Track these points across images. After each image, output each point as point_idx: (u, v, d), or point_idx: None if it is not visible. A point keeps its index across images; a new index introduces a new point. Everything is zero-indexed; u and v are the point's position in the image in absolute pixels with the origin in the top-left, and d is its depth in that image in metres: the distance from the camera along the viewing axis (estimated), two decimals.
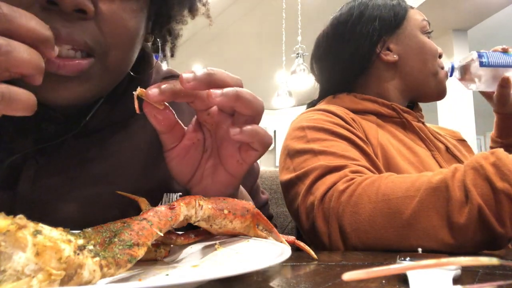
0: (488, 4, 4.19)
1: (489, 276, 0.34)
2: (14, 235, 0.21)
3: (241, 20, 6.09)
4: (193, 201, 0.35)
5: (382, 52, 0.88)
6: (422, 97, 0.91)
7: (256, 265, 0.26)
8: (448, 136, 0.97)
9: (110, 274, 0.25)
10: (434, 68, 0.87)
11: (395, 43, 0.88)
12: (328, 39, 0.93)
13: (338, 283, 0.31)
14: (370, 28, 0.88)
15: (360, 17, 0.89)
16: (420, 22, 0.89)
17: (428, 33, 0.89)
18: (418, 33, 0.88)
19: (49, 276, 0.21)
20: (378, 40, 0.88)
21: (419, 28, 0.88)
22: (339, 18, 0.92)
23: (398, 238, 0.54)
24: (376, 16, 0.88)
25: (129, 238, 0.28)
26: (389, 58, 0.88)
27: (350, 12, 0.91)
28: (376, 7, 0.89)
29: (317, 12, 5.32)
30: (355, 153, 0.70)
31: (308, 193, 0.66)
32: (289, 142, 0.76)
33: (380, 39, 0.88)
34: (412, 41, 0.87)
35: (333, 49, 0.92)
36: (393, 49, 0.88)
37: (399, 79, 0.88)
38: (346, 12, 0.91)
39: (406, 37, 0.88)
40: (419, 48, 0.87)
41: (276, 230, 0.40)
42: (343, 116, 0.78)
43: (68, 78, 0.39)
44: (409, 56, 0.87)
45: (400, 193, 0.55)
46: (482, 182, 0.50)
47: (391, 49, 0.88)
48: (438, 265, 0.20)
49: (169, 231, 0.39)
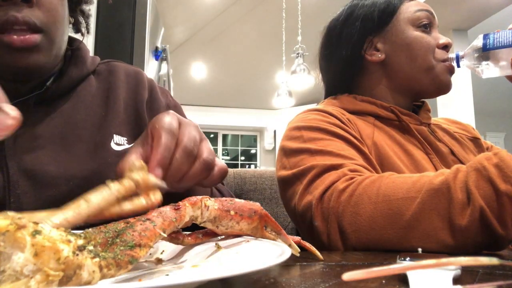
0: (488, 4, 4.19)
1: (489, 276, 0.34)
2: (13, 235, 0.21)
3: (241, 20, 6.09)
4: (199, 201, 0.35)
5: (367, 53, 0.86)
6: (419, 94, 0.87)
7: (256, 265, 0.26)
8: (462, 132, 0.94)
9: (110, 275, 0.25)
10: (426, 63, 0.82)
11: (382, 42, 0.86)
12: (321, 44, 0.95)
13: (338, 283, 0.31)
14: (353, 30, 0.87)
15: (345, 20, 0.89)
16: (412, 14, 0.84)
17: (424, 26, 0.84)
18: (408, 28, 0.83)
19: (47, 276, 0.21)
20: (363, 41, 0.86)
21: (411, 21, 0.83)
22: (329, 23, 0.93)
23: (398, 239, 0.54)
24: (360, 17, 0.86)
25: (131, 239, 0.28)
26: (374, 58, 0.86)
27: (338, 16, 0.91)
28: (362, 7, 0.87)
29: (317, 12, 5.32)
30: (352, 152, 0.70)
31: (305, 192, 0.65)
32: (286, 142, 0.76)
33: (365, 40, 0.86)
34: (399, 38, 0.84)
35: (327, 53, 0.93)
36: (380, 48, 0.86)
37: (389, 78, 0.86)
38: (336, 17, 0.92)
39: (394, 34, 0.84)
40: (406, 44, 0.83)
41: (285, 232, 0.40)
42: (338, 116, 0.77)
43: (25, 50, 0.54)
44: (396, 54, 0.84)
45: (401, 194, 0.55)
46: (485, 184, 0.49)
47: (378, 48, 0.86)
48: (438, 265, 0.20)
49: (176, 231, 0.38)
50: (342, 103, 0.86)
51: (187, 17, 5.91)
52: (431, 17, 0.85)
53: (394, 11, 0.85)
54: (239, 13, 5.94)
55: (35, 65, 0.57)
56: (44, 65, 0.59)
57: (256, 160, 9.50)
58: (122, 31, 2.11)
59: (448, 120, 1.01)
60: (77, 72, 0.65)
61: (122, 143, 0.64)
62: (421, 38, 0.82)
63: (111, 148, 0.62)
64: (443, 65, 0.82)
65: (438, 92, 0.85)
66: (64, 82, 0.63)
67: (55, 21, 0.57)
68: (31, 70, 0.58)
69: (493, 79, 0.91)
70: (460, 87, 4.68)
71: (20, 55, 0.54)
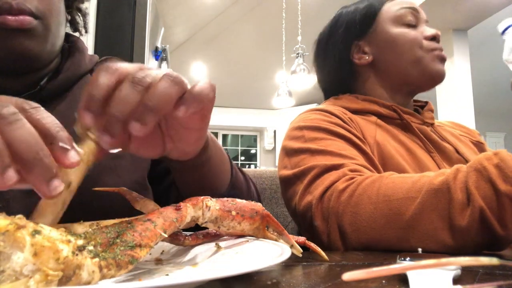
0: (488, 4, 4.19)
1: (489, 276, 0.34)
2: (13, 235, 0.21)
3: (241, 20, 6.09)
4: (200, 202, 0.35)
5: (355, 57, 0.89)
6: (415, 88, 0.87)
7: (256, 265, 0.26)
8: (466, 135, 0.94)
9: (110, 275, 0.25)
10: (413, 56, 0.82)
11: (368, 45, 0.88)
12: (314, 56, 0.98)
13: (338, 283, 0.31)
14: (338, 37, 0.90)
15: (331, 30, 0.92)
16: (393, 13, 0.85)
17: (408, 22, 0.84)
18: (390, 27, 0.85)
19: (46, 276, 0.21)
20: (349, 46, 0.89)
21: (393, 20, 0.85)
22: (318, 36, 0.96)
23: (398, 239, 0.54)
24: (343, 24, 0.89)
25: (131, 239, 0.28)
26: (363, 61, 0.88)
27: (325, 28, 0.95)
28: (346, 14, 0.90)
29: (317, 12, 5.32)
30: (353, 152, 0.70)
31: (306, 191, 0.66)
32: (287, 142, 0.76)
33: (351, 45, 0.88)
34: (383, 38, 0.85)
35: (319, 64, 0.97)
36: (367, 51, 0.88)
37: (381, 78, 0.88)
38: (323, 29, 0.95)
39: (378, 35, 0.86)
40: (390, 42, 0.84)
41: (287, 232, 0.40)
42: (340, 115, 0.78)
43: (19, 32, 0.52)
44: (382, 53, 0.86)
45: (401, 194, 0.55)
46: (485, 184, 0.49)
47: (365, 51, 0.88)
48: (438, 265, 0.20)
49: (176, 232, 0.38)
50: (344, 103, 0.86)
51: (187, 17, 5.91)
52: (415, 13, 0.85)
53: (375, 13, 0.86)
54: (239, 13, 5.93)
55: (30, 52, 0.55)
56: (40, 53, 0.57)
57: (256, 160, 9.50)
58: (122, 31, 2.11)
59: (453, 123, 1.01)
60: (73, 69, 0.63)
61: None
62: (404, 33, 0.83)
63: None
64: (432, 54, 0.83)
65: (432, 82, 0.85)
66: (59, 81, 0.61)
67: (50, 9, 0.56)
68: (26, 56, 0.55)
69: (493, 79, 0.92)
70: (460, 87, 4.68)
71: (15, 37, 0.52)
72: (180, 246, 0.40)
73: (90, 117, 0.32)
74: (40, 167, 0.27)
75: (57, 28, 0.59)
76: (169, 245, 0.42)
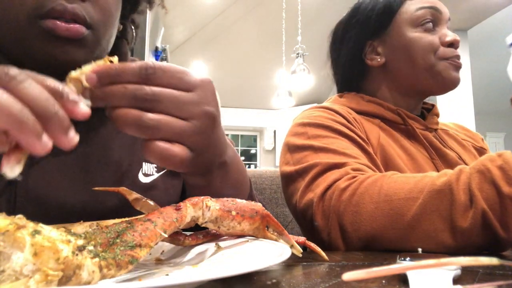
0: (488, 4, 4.19)
1: (489, 276, 0.34)
2: (13, 235, 0.21)
3: (241, 20, 6.09)
4: (200, 202, 0.35)
5: (368, 57, 0.86)
6: (425, 93, 0.85)
7: (256, 265, 0.26)
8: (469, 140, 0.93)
9: (110, 275, 0.25)
10: (427, 63, 0.80)
11: (382, 46, 0.85)
12: (329, 46, 0.96)
13: (338, 283, 0.31)
14: (353, 34, 0.87)
15: (347, 24, 0.89)
16: (411, 14, 0.81)
17: (426, 24, 0.80)
18: (407, 30, 0.81)
19: (46, 276, 0.21)
20: (363, 45, 0.86)
21: (410, 22, 0.81)
22: (335, 26, 0.94)
23: (399, 239, 0.54)
24: (359, 21, 0.86)
25: (131, 239, 0.28)
26: (374, 62, 0.85)
27: (343, 18, 0.92)
28: (363, 10, 0.86)
29: (317, 12, 5.32)
30: (355, 151, 0.69)
31: (307, 189, 0.65)
32: (290, 138, 0.76)
33: (365, 44, 0.86)
34: (398, 41, 0.82)
35: (333, 56, 0.95)
36: (381, 52, 0.85)
37: (391, 82, 0.86)
38: (341, 19, 0.92)
39: (392, 37, 0.83)
40: (405, 46, 0.81)
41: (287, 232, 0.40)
42: (344, 114, 0.77)
43: (68, 41, 0.48)
44: (395, 58, 0.83)
45: (403, 194, 0.54)
46: (488, 186, 0.49)
47: (379, 52, 0.86)
48: (438, 265, 0.20)
49: (176, 232, 0.38)
50: (349, 102, 0.85)
51: (187, 17, 5.91)
52: (436, 13, 0.82)
53: (392, 14, 0.83)
54: (239, 13, 5.93)
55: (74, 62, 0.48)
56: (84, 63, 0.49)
57: (256, 160, 9.50)
58: None
59: (458, 126, 1.00)
60: None
61: (150, 173, 0.56)
62: (419, 39, 0.80)
63: (139, 180, 0.54)
64: (446, 62, 0.80)
65: (445, 89, 0.82)
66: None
67: (106, 22, 0.51)
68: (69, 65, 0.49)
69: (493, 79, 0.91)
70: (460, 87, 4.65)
71: (62, 46, 0.48)
72: (180, 246, 0.40)
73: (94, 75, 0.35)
74: (58, 120, 0.28)
75: (107, 41, 0.55)
76: (169, 245, 0.42)
